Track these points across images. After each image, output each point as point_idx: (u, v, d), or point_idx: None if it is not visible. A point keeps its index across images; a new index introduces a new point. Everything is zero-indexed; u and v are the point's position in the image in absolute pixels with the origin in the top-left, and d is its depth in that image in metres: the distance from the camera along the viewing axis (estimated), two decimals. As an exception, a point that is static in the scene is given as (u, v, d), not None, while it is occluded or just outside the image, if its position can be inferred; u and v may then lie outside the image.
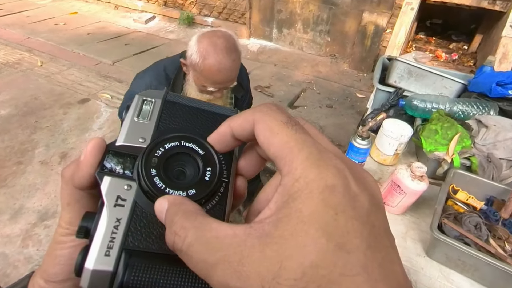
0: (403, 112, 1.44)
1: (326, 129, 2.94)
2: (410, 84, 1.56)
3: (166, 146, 0.23)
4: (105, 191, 0.22)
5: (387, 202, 1.06)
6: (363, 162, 1.15)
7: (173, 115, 0.26)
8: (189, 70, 1.21)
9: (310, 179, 0.17)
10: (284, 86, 3.64)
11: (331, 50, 4.29)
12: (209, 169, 0.24)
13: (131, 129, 0.24)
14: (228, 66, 1.13)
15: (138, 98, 0.26)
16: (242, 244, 0.17)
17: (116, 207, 0.21)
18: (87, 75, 3.60)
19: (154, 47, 4.36)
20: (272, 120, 0.20)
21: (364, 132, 1.12)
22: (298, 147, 0.19)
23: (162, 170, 0.22)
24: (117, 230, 0.21)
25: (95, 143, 0.24)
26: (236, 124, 0.22)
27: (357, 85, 3.77)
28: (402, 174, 0.99)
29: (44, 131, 2.70)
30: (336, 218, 0.16)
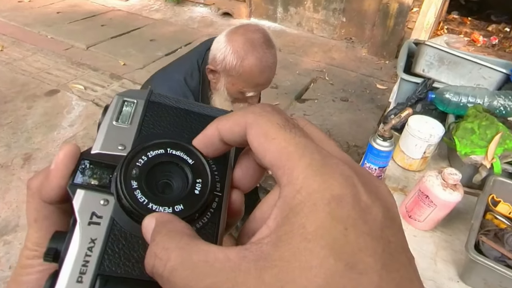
0: (433, 108, 1.43)
1: (340, 127, 2.94)
2: (441, 73, 1.55)
3: (149, 154, 0.24)
4: (78, 207, 0.22)
5: (413, 216, 1.05)
6: (384, 167, 1.14)
7: (158, 118, 0.26)
8: (220, 77, 1.20)
9: (314, 189, 0.17)
10: (291, 75, 3.63)
11: (347, 33, 4.28)
12: (199, 181, 0.24)
13: (109, 134, 0.25)
14: (270, 63, 1.16)
15: (118, 99, 0.26)
16: (235, 269, 0.17)
17: (91, 225, 0.21)
18: (56, 62, 3.60)
19: (136, 28, 4.37)
20: (267, 122, 0.20)
21: (386, 131, 1.11)
22: (299, 153, 0.19)
23: (145, 182, 0.23)
24: (91, 253, 0.21)
25: (67, 150, 0.24)
26: (225, 127, 0.22)
27: (378, 74, 3.77)
28: (431, 182, 0.98)
29: (4, 128, 2.70)
30: (345, 233, 0.16)
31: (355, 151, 2.69)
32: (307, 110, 3.13)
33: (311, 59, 3.97)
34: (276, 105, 3.11)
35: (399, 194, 1.19)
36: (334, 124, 2.96)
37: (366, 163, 1.13)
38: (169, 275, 0.18)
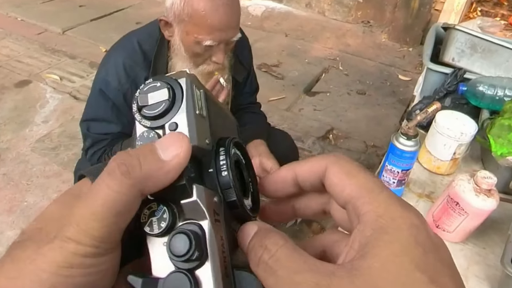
0: (464, 102, 1.44)
1: (357, 124, 2.95)
2: (474, 62, 1.56)
3: (231, 152, 0.28)
4: (205, 204, 0.24)
5: (441, 226, 1.06)
6: (408, 170, 1.16)
7: (212, 111, 0.29)
8: (173, 29, 1.23)
9: (396, 215, 0.24)
10: (299, 64, 3.64)
11: (364, 15, 4.29)
12: (250, 180, 0.31)
13: (198, 125, 0.26)
14: (225, 1, 1.16)
15: (190, 83, 0.26)
16: (331, 274, 0.22)
17: (216, 223, 0.25)
18: (28, 48, 3.62)
19: (119, 9, 4.39)
20: (349, 164, 0.28)
21: (410, 129, 1.12)
22: (379, 189, 0.26)
23: (236, 180, 0.27)
24: (224, 249, 0.25)
25: (189, 145, 0.25)
26: (303, 168, 0.30)
27: (400, 63, 3.77)
28: (462, 187, 0.99)
29: (-32, 124, 2.72)
30: (426, 256, 0.22)
31: (374, 152, 2.70)
32: (318, 105, 3.14)
33: (323, 45, 3.98)
34: (282, 98, 3.13)
35: (425, 201, 1.20)
36: (349, 121, 2.97)
37: (388, 165, 1.15)
38: (273, 263, 0.24)
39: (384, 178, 1.17)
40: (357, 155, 2.67)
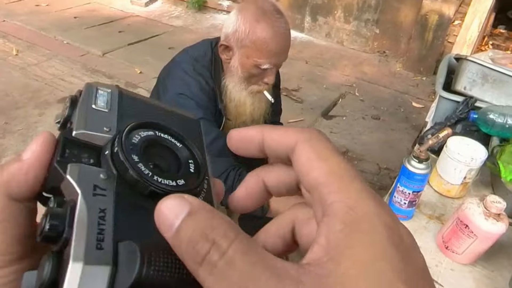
0: (475, 129, 1.41)
1: (371, 147, 2.92)
2: (485, 92, 1.53)
3: (141, 134, 0.25)
4: (76, 179, 0.22)
5: (451, 247, 1.03)
6: (419, 191, 1.13)
7: (133, 109, 0.28)
8: (233, 53, 1.27)
9: (370, 211, 0.19)
10: (317, 89, 3.65)
11: (380, 46, 4.29)
12: (191, 161, 0.26)
13: (91, 116, 0.26)
14: (283, 29, 1.23)
15: (90, 87, 0.27)
16: (297, 281, 0.17)
17: (96, 196, 0.21)
18: (71, 68, 3.75)
19: (155, 35, 4.51)
20: (321, 144, 0.23)
21: (422, 153, 1.10)
22: (350, 177, 0.21)
23: (144, 157, 0.24)
24: (104, 221, 0.21)
25: (47, 136, 0.24)
26: (273, 135, 0.24)
27: (414, 91, 3.74)
28: (472, 210, 0.97)
29: (14, 135, 2.81)
30: (403, 262, 0.18)
31: (386, 175, 2.66)
32: (334, 128, 3.13)
33: (340, 72, 3.99)
34: (300, 121, 3.13)
35: (435, 223, 1.17)
36: (363, 144, 2.95)
37: (399, 186, 1.13)
38: (225, 266, 0.17)
39: (396, 198, 1.14)
40: (371, 176, 2.64)
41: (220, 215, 0.19)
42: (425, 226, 1.16)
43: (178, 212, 0.19)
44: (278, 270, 0.17)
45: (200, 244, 0.18)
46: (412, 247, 0.20)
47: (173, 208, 0.19)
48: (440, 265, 1.04)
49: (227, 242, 0.18)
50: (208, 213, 0.19)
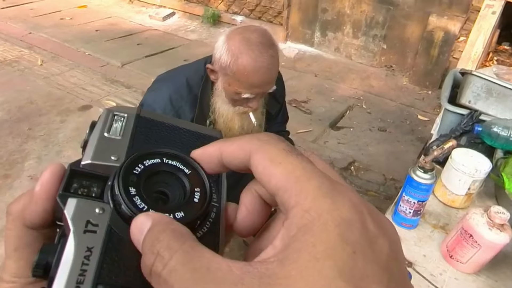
0: (479, 141, 1.40)
1: (377, 158, 2.90)
2: (489, 105, 1.52)
3: (145, 163, 0.24)
4: (71, 215, 0.21)
5: (455, 256, 1.02)
6: (424, 201, 1.12)
7: (149, 132, 0.27)
8: (218, 76, 1.25)
9: (324, 210, 0.18)
10: (326, 101, 3.65)
11: (387, 60, 4.29)
12: (197, 190, 0.25)
13: (100, 145, 0.25)
14: (266, 64, 1.16)
15: (108, 113, 0.27)
16: (237, 282, 0.17)
17: (86, 233, 0.21)
18: (92, 78, 3.81)
19: (171, 48, 4.57)
20: (273, 148, 0.22)
21: (427, 163, 1.10)
22: (307, 176, 0.20)
23: (143, 189, 0.23)
24: (88, 261, 0.20)
25: (53, 170, 0.24)
26: (228, 149, 0.24)
27: (419, 104, 3.72)
28: (476, 220, 0.96)
29: (37, 140, 2.86)
30: (354, 257, 0.17)
31: (392, 185, 2.64)
32: (342, 139, 3.11)
33: (348, 86, 3.99)
34: (309, 131, 3.13)
35: (439, 232, 1.16)
36: (370, 155, 2.93)
37: (405, 196, 1.12)
38: (167, 275, 0.18)
39: (401, 207, 1.14)
40: (377, 186, 2.61)
41: (172, 227, 0.20)
42: (429, 235, 1.15)
43: (142, 229, 0.20)
44: (220, 273, 0.17)
45: (147, 256, 0.19)
46: (377, 236, 0.19)
47: (139, 225, 0.20)
48: (445, 273, 1.03)
49: (170, 253, 0.18)
50: (160, 226, 0.20)
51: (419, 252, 1.09)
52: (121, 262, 0.21)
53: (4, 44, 4.39)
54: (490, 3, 3.33)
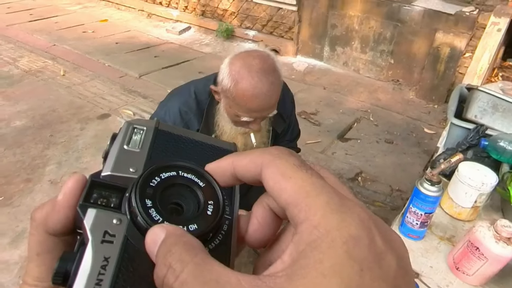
0: (486, 155, 1.38)
1: (384, 169, 2.87)
2: (495, 120, 1.50)
3: (162, 175, 0.24)
4: (90, 225, 0.22)
5: (461, 268, 0.99)
6: (431, 213, 1.10)
7: (166, 145, 0.28)
8: (221, 97, 1.25)
9: (332, 226, 0.18)
10: (334, 113, 3.64)
11: (394, 75, 4.27)
12: (211, 203, 0.25)
13: (120, 157, 0.25)
14: (265, 90, 1.14)
15: (128, 125, 0.27)
16: None
17: (104, 243, 0.21)
18: (111, 88, 3.86)
19: (186, 60, 4.62)
20: (284, 163, 0.22)
21: (434, 176, 1.08)
22: (316, 191, 0.20)
23: (159, 201, 0.23)
24: (104, 271, 0.20)
25: (76, 180, 0.24)
26: (241, 163, 0.24)
27: (426, 118, 3.69)
28: (482, 233, 0.94)
29: (58, 146, 2.90)
30: (361, 274, 0.17)
31: (398, 196, 2.60)
32: (349, 150, 3.10)
33: (356, 98, 3.97)
34: (318, 142, 3.12)
35: (445, 244, 1.14)
36: (377, 166, 2.90)
37: (412, 207, 1.10)
38: (179, 287, 0.18)
39: (408, 219, 1.12)
40: (383, 197, 2.58)
41: (184, 240, 0.20)
42: (436, 247, 1.13)
43: (156, 240, 0.20)
44: (229, 286, 0.17)
45: (160, 268, 0.19)
46: (385, 252, 0.18)
47: (153, 236, 0.20)
48: (451, 285, 1.01)
49: (181, 266, 0.18)
50: (173, 238, 0.20)
51: (425, 263, 1.07)
52: (136, 273, 0.21)
53: (29, 55, 4.48)
54: (495, 21, 3.31)
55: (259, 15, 4.92)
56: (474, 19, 3.52)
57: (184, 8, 5.66)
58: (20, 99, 3.53)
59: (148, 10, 6.03)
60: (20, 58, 4.39)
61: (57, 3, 6.59)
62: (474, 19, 3.52)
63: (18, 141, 2.93)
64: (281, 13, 4.70)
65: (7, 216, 2.25)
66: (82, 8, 6.42)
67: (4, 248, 2.05)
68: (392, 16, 3.99)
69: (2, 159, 2.73)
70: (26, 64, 4.26)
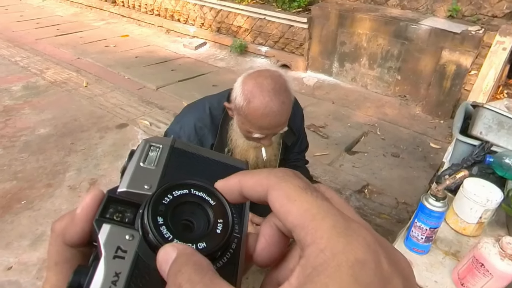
0: (491, 171, 1.35)
1: (390, 182, 2.83)
2: (501, 137, 1.47)
3: (174, 193, 0.24)
4: (104, 240, 0.22)
5: (466, 284, 0.96)
6: (436, 228, 1.08)
7: (181, 163, 0.28)
8: (234, 114, 1.26)
9: (338, 250, 0.18)
10: (342, 127, 3.62)
11: (401, 90, 4.23)
12: (220, 221, 0.24)
13: (136, 174, 0.25)
14: (276, 109, 1.15)
15: (145, 143, 0.27)
16: None
17: (116, 259, 0.21)
18: (129, 99, 3.91)
19: (201, 74, 4.66)
20: (289, 185, 0.21)
21: (439, 191, 1.06)
22: (322, 214, 0.19)
23: (170, 219, 0.23)
24: (115, 286, 0.20)
25: (94, 195, 0.25)
26: (248, 183, 0.23)
27: (432, 133, 3.63)
28: (487, 249, 0.91)
29: (78, 154, 2.94)
30: None
31: (404, 209, 2.55)
32: (356, 163, 3.06)
33: (363, 113, 3.94)
34: (325, 154, 3.10)
35: (450, 259, 1.10)
36: (383, 179, 2.86)
37: (417, 222, 1.08)
38: None
39: (413, 233, 1.09)
40: (389, 209, 2.54)
41: (194, 259, 0.20)
42: (441, 262, 1.09)
43: (167, 259, 0.20)
44: None
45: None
46: (392, 275, 0.18)
47: (165, 255, 0.21)
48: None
49: (191, 286, 0.18)
50: (183, 258, 0.20)
51: (430, 278, 1.04)
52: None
53: (55, 67, 4.59)
54: (501, 40, 3.27)
55: (271, 32, 4.96)
56: (480, 38, 3.48)
57: (200, 25, 5.75)
58: (45, 108, 3.60)
59: (167, 26, 6.13)
60: (47, 70, 4.50)
61: (82, 19, 6.76)
62: (480, 38, 3.48)
63: (41, 148, 2.98)
64: (292, 30, 4.73)
65: (28, 219, 2.28)
66: (105, 24, 6.57)
67: (24, 250, 2.07)
68: (400, 34, 3.97)
69: (26, 164, 2.77)
70: (52, 75, 4.35)
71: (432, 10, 4.14)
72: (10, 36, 5.65)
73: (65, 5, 7.67)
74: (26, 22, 6.40)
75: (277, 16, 4.76)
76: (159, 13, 6.25)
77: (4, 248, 2.08)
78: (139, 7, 6.52)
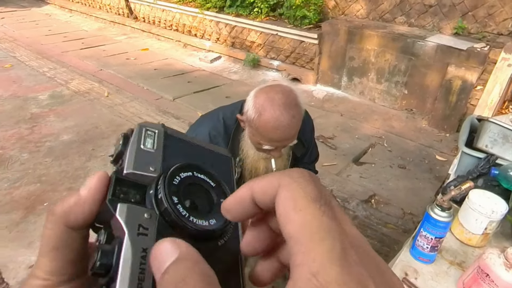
0: (496, 184, 1.32)
1: (396, 193, 2.79)
2: (506, 150, 1.44)
3: (181, 175, 0.25)
4: (125, 219, 0.21)
5: (472, 294, 0.94)
6: (441, 238, 1.06)
7: (176, 147, 0.28)
8: (246, 125, 1.26)
9: (332, 278, 0.16)
10: (350, 138, 3.60)
11: (408, 104, 4.20)
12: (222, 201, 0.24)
13: (139, 156, 0.25)
14: (286, 123, 1.15)
15: (140, 128, 0.27)
16: None
17: (140, 236, 0.21)
18: (147, 109, 3.97)
19: (216, 86, 4.71)
20: (300, 191, 0.19)
21: (444, 202, 1.04)
22: (321, 235, 0.17)
23: (182, 198, 0.24)
24: (145, 261, 0.20)
25: (101, 176, 0.24)
26: (258, 186, 0.21)
27: (438, 146, 3.58)
28: (493, 260, 0.89)
29: (98, 159, 2.98)
30: None
31: (410, 219, 2.51)
32: (364, 173, 3.03)
33: (371, 125, 3.92)
34: (334, 165, 3.08)
35: (456, 269, 1.08)
36: (389, 190, 2.82)
37: (423, 232, 1.06)
38: None
39: (419, 242, 1.08)
40: (395, 219, 2.50)
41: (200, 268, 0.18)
42: (446, 271, 1.07)
43: (167, 258, 0.18)
44: None
45: None
46: None
47: (165, 252, 0.19)
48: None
49: None
50: (187, 263, 0.18)
51: (436, 287, 1.02)
52: None
53: (79, 78, 4.70)
54: (506, 57, 3.23)
55: (283, 47, 4.99)
56: (485, 55, 3.45)
57: (216, 40, 5.83)
58: (68, 116, 3.68)
59: (184, 41, 6.24)
60: (71, 81, 4.60)
61: (105, 34, 6.93)
62: (485, 54, 3.45)
63: (64, 153, 3.04)
64: (303, 46, 4.75)
65: (50, 220, 2.31)
66: (126, 38, 6.71)
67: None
68: (407, 50, 3.96)
69: (50, 168, 2.82)
70: (76, 85, 4.45)
71: (438, 28, 4.13)
72: (38, 49, 5.82)
73: (90, 21, 7.88)
74: (54, 36, 6.59)
75: (289, 32, 4.80)
76: (177, 28, 6.36)
77: (27, 247, 2.11)
78: (158, 22, 6.66)
